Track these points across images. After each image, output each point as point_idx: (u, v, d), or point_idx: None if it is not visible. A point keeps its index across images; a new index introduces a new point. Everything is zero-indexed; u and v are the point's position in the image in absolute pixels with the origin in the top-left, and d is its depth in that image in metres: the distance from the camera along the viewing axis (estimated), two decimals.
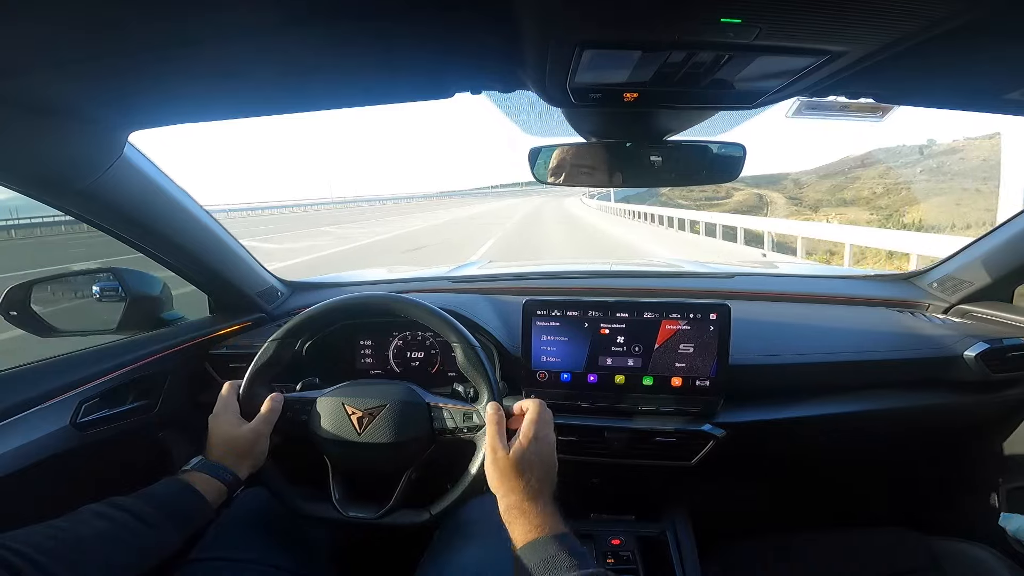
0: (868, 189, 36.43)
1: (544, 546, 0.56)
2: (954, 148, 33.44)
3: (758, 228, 9.78)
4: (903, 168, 36.07)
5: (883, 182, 35.78)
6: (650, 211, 16.48)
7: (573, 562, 0.54)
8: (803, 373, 0.99)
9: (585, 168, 0.84)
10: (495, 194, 71.07)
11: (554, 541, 0.56)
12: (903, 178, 34.29)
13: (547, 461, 0.65)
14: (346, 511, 0.76)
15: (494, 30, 0.53)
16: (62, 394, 0.81)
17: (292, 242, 13.45)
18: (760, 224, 10.05)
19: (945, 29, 0.46)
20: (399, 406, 0.75)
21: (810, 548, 0.97)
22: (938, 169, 31.61)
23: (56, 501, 0.84)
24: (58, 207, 0.81)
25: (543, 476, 0.64)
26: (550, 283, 1.36)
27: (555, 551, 0.55)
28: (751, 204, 38.64)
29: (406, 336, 1.12)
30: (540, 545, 0.56)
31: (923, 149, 36.08)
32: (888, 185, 34.84)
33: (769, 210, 36.59)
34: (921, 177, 32.20)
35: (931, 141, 37.33)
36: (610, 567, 0.89)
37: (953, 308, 1.13)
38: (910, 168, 35.24)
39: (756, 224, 10.19)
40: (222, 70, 0.61)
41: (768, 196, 41.07)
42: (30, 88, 0.59)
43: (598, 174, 0.84)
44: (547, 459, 0.66)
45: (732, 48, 0.50)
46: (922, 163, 34.00)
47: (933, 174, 31.47)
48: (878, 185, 36.02)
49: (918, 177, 32.60)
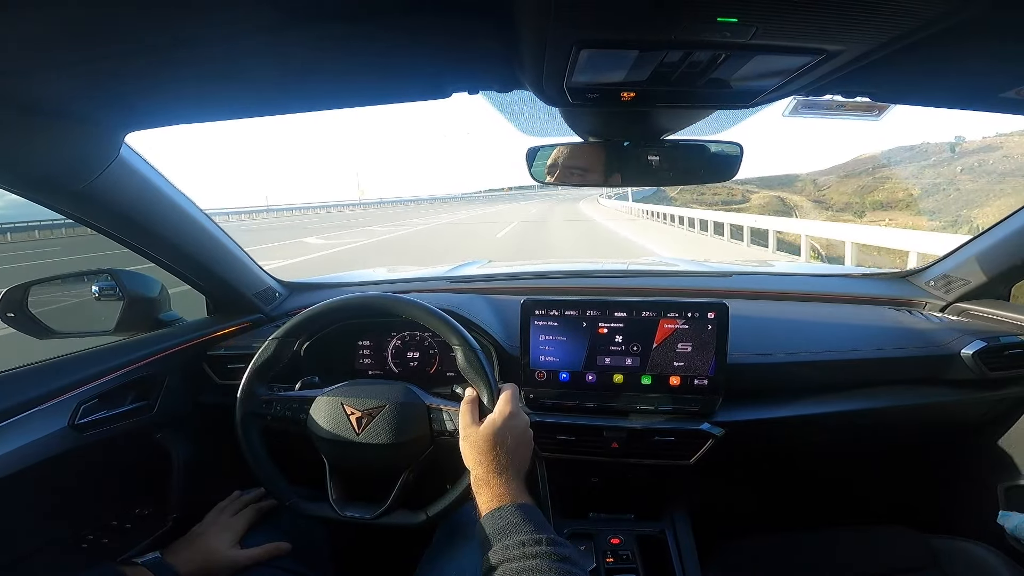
0: (903, 190, 34.27)
1: (503, 514, 0.58)
2: (990, 145, 31.59)
3: (815, 234, 8.25)
4: (937, 167, 33.67)
5: (919, 182, 33.51)
6: (687, 214, 14.18)
7: (529, 528, 0.55)
8: (801, 372, 1.00)
9: (583, 168, 0.84)
10: (486, 199, 65.34)
11: (514, 510, 0.58)
12: (942, 178, 32.06)
13: (519, 436, 0.67)
14: (343, 510, 0.76)
15: (491, 30, 0.53)
16: (60, 395, 0.81)
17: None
18: (809, 228, 8.57)
19: (941, 28, 0.46)
20: (398, 407, 0.75)
21: (809, 546, 0.97)
22: (980, 168, 29.80)
23: (55, 502, 0.84)
24: (54, 208, 0.80)
25: (513, 450, 0.65)
26: (548, 283, 1.36)
27: (513, 519, 0.57)
28: (775, 208, 35.77)
29: (404, 336, 1.12)
30: (499, 513, 0.58)
31: (954, 147, 34.19)
32: (926, 186, 32.58)
33: (798, 214, 34.44)
34: (964, 177, 30.20)
35: (959, 138, 35.62)
36: (610, 566, 0.89)
37: (950, 306, 1.13)
38: (946, 167, 32.90)
39: (811, 229, 8.54)
40: (219, 71, 0.61)
41: (790, 199, 38.75)
42: (26, 89, 0.59)
43: (596, 174, 0.84)
44: (519, 435, 0.67)
45: (729, 47, 0.50)
46: (957, 161, 31.93)
47: (976, 173, 29.57)
48: (914, 185, 33.79)
49: (960, 177, 30.51)
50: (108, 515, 0.93)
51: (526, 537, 0.53)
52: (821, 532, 1.00)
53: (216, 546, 0.77)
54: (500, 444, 0.64)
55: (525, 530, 0.55)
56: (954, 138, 36.83)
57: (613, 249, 10.00)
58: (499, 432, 0.65)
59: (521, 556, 0.52)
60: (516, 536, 0.54)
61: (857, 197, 37.06)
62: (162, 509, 0.98)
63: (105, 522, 0.92)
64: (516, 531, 0.55)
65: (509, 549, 0.53)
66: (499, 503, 0.59)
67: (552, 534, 0.55)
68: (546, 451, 0.96)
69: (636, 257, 5.54)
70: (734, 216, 11.24)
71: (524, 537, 0.54)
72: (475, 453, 0.65)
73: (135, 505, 0.97)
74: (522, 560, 0.51)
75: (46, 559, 0.81)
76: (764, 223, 9.61)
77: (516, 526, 0.55)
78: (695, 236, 12.17)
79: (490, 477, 0.62)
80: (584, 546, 0.92)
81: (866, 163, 42.00)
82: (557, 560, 0.51)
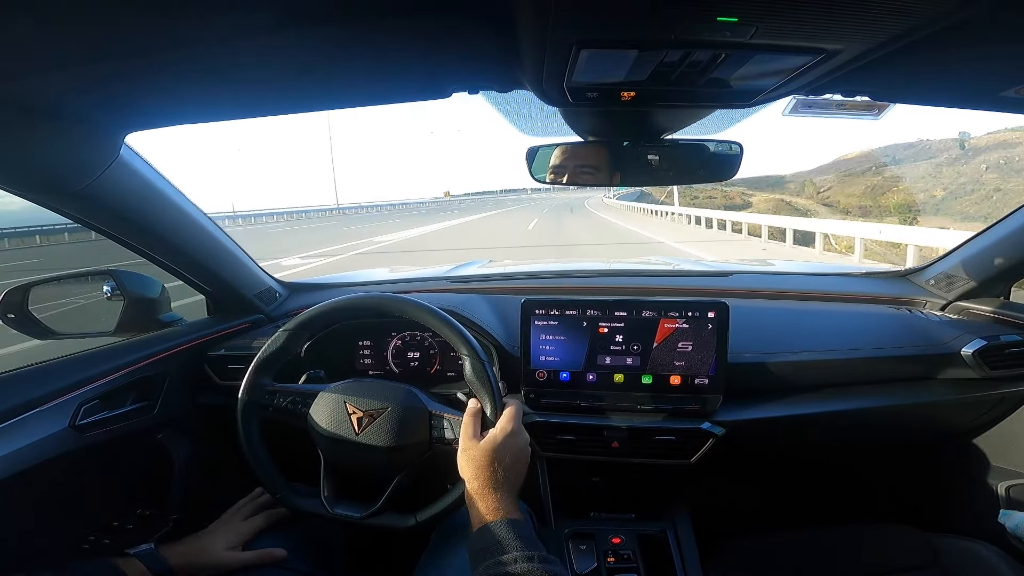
0: (923, 191, 31.40)
1: (494, 529, 0.58)
2: (1007, 141, 29.53)
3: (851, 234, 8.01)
4: (954, 165, 31.06)
5: (938, 182, 30.72)
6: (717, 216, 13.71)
7: (519, 544, 0.56)
8: (801, 370, 1.00)
9: (583, 167, 0.84)
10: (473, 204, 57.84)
11: (506, 525, 0.58)
12: (965, 176, 29.46)
13: (518, 454, 0.67)
14: (333, 508, 0.77)
15: (491, 31, 0.53)
16: (61, 396, 0.81)
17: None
18: (869, 231, 8.05)
19: (940, 27, 0.46)
20: (400, 411, 0.75)
21: (810, 545, 0.97)
22: (1007, 165, 27.71)
23: (56, 503, 0.84)
24: (54, 209, 0.80)
25: (511, 467, 0.65)
26: (548, 282, 1.36)
27: (504, 534, 0.57)
28: (785, 213, 32.34)
29: (405, 336, 1.12)
30: (491, 528, 0.58)
31: (963, 143, 31.84)
32: (949, 185, 29.65)
33: (815, 217, 32.41)
34: (992, 175, 28.06)
35: (965, 134, 33.58)
36: (611, 566, 0.89)
37: (951, 305, 1.13)
38: (964, 165, 30.38)
39: (871, 232, 8.07)
40: (218, 72, 0.61)
41: (796, 202, 36.02)
42: (26, 90, 0.59)
43: (596, 173, 0.84)
44: (518, 452, 0.68)
45: (728, 47, 0.50)
46: (975, 159, 29.17)
47: (1005, 171, 27.45)
48: (934, 186, 30.64)
49: (987, 176, 28.33)
50: (109, 515, 0.93)
51: (517, 554, 0.54)
52: (822, 531, 1.00)
53: (212, 545, 0.78)
54: (498, 461, 0.65)
55: (516, 546, 0.55)
56: (959, 134, 35.07)
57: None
58: (499, 449, 0.65)
59: (510, 572, 0.52)
60: (506, 552, 0.54)
61: (870, 200, 34.26)
62: (163, 509, 0.98)
63: (106, 522, 0.92)
64: (506, 547, 0.55)
65: (499, 565, 0.53)
66: (492, 518, 0.60)
67: (542, 551, 0.56)
68: (547, 451, 0.96)
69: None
70: (797, 221, 10.60)
71: (515, 554, 0.54)
72: (472, 467, 0.65)
73: (136, 505, 0.98)
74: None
75: (47, 560, 0.81)
76: (811, 225, 9.52)
77: (507, 542, 0.56)
78: (759, 242, 11.22)
79: (485, 492, 0.63)
80: (585, 545, 0.92)
81: (862, 162, 40.12)
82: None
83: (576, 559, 0.90)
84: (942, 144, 35.15)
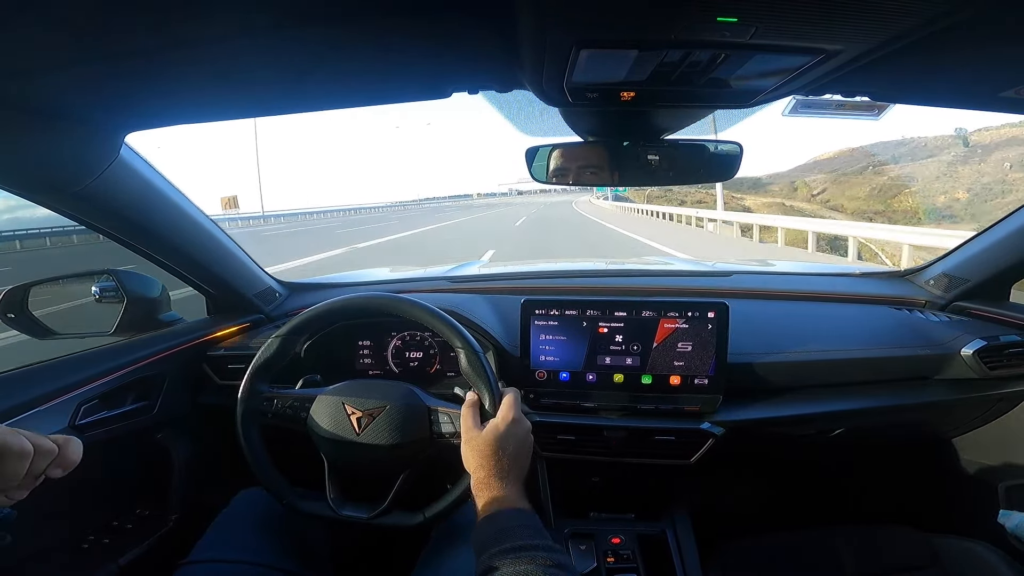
0: (941, 192, 28.83)
1: (501, 519, 0.58)
2: (1018, 137, 27.79)
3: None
4: (969, 163, 28.97)
5: (955, 183, 28.25)
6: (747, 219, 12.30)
7: (526, 533, 0.55)
8: (801, 371, 1.00)
9: (582, 167, 0.84)
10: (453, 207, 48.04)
11: (513, 515, 0.58)
12: (988, 176, 27.32)
13: (521, 442, 0.67)
14: (340, 510, 0.76)
15: (491, 30, 0.53)
16: (61, 396, 0.81)
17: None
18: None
19: (940, 27, 0.46)
20: (399, 408, 0.75)
21: (810, 545, 0.97)
22: None
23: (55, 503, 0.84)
24: (54, 209, 0.80)
25: (515, 455, 0.65)
26: (548, 283, 1.36)
27: (511, 523, 0.57)
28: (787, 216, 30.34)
29: (404, 336, 1.12)
30: (497, 517, 0.58)
31: (966, 140, 30.16)
32: (971, 187, 27.24)
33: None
34: (1017, 174, 26.18)
35: (962, 130, 32.15)
36: (610, 566, 0.89)
37: (950, 305, 1.13)
38: (980, 163, 28.29)
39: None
40: (218, 71, 0.61)
41: (796, 206, 33.10)
42: (26, 90, 0.59)
43: (596, 173, 0.84)
44: (521, 440, 0.67)
45: (728, 47, 0.50)
46: (992, 156, 27.57)
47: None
48: (954, 187, 28.19)
49: (1012, 174, 26.43)
50: (109, 515, 0.93)
51: (523, 542, 0.54)
52: (822, 531, 1.00)
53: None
54: (502, 449, 0.64)
55: (522, 535, 0.55)
56: (955, 130, 33.71)
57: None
58: (501, 437, 0.65)
59: (516, 561, 0.52)
60: (512, 541, 0.54)
61: (880, 203, 31.20)
62: (163, 509, 0.99)
63: (106, 522, 0.92)
64: (513, 536, 0.55)
65: (505, 553, 0.53)
66: (498, 507, 0.60)
67: (548, 540, 0.55)
68: (547, 451, 0.96)
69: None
70: (821, 223, 9.80)
71: (521, 542, 0.54)
72: (477, 457, 0.65)
73: (136, 505, 0.98)
74: (516, 564, 0.51)
75: (47, 560, 0.81)
76: (840, 229, 8.67)
77: (513, 531, 0.56)
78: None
79: (491, 481, 0.63)
80: (584, 546, 0.92)
81: (851, 160, 38.15)
82: (551, 566, 0.51)
83: (576, 559, 0.90)
84: (938, 141, 33.62)
